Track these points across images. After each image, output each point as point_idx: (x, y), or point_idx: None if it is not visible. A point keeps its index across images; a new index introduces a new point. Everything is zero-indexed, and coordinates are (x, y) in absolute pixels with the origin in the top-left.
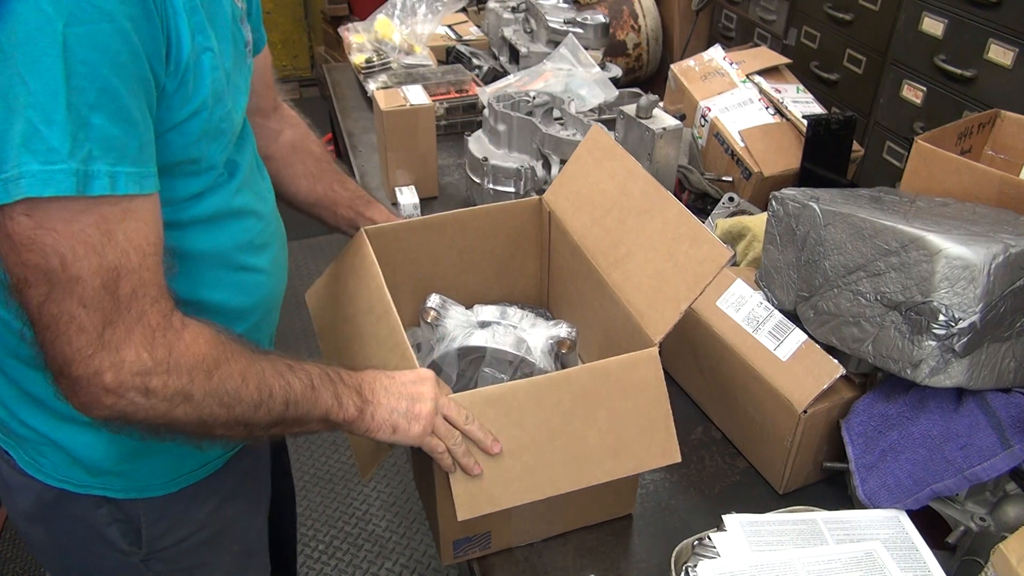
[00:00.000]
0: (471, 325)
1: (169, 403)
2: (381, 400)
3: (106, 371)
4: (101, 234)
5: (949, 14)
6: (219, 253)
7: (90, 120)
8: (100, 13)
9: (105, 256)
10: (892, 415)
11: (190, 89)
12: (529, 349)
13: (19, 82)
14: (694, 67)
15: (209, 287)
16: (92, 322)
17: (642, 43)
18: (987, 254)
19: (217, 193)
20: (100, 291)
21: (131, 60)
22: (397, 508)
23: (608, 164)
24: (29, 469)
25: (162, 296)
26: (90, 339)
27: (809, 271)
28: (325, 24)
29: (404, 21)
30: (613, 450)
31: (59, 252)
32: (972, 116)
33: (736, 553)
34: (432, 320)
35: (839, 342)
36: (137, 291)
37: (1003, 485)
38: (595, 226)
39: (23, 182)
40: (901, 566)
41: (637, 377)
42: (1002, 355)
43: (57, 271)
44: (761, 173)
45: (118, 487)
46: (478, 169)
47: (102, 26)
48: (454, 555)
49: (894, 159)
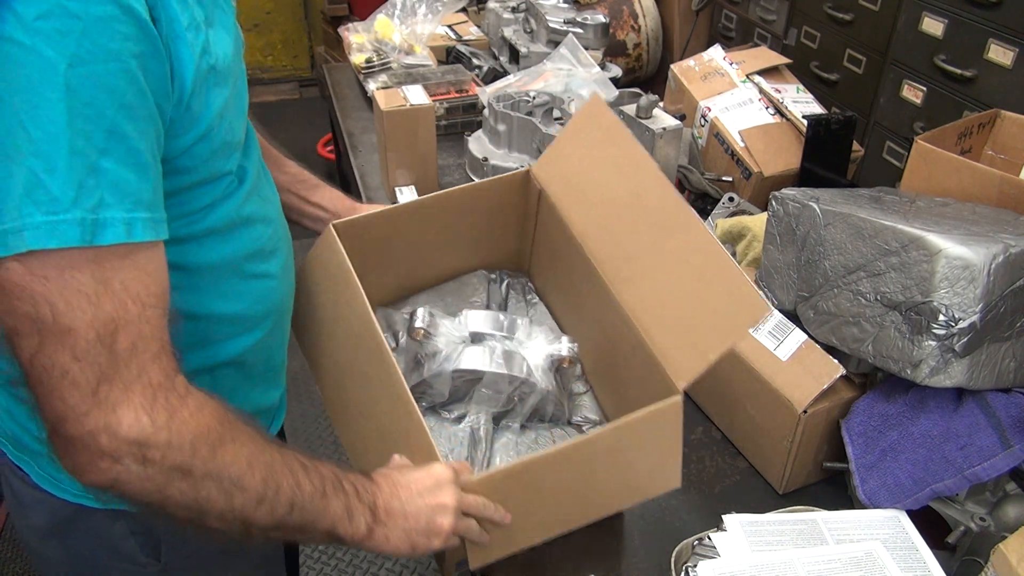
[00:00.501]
0: (462, 340)
1: (166, 477)
2: (398, 522)
3: (101, 432)
4: (96, 283)
5: (949, 14)
6: (231, 263)
7: (100, 165)
8: (105, 53)
9: (100, 307)
10: (892, 415)
11: (195, 114)
12: (529, 369)
13: (19, 130)
14: (694, 67)
15: (223, 298)
16: (86, 377)
17: (642, 43)
18: (987, 254)
19: (228, 202)
20: (95, 344)
21: (138, 100)
22: None
23: (611, 150)
24: (45, 484)
25: (165, 354)
26: (84, 396)
27: (809, 271)
28: (325, 24)
29: (404, 21)
30: (622, 485)
31: (50, 301)
32: (972, 116)
33: (736, 553)
34: (422, 338)
35: (839, 342)
36: (137, 345)
37: (1003, 485)
38: (599, 225)
39: (26, 234)
40: (901, 566)
41: (659, 426)
42: (1002, 355)
43: (48, 321)
44: (761, 173)
45: None
46: (478, 169)
47: (108, 66)
48: (456, 571)
49: (894, 159)
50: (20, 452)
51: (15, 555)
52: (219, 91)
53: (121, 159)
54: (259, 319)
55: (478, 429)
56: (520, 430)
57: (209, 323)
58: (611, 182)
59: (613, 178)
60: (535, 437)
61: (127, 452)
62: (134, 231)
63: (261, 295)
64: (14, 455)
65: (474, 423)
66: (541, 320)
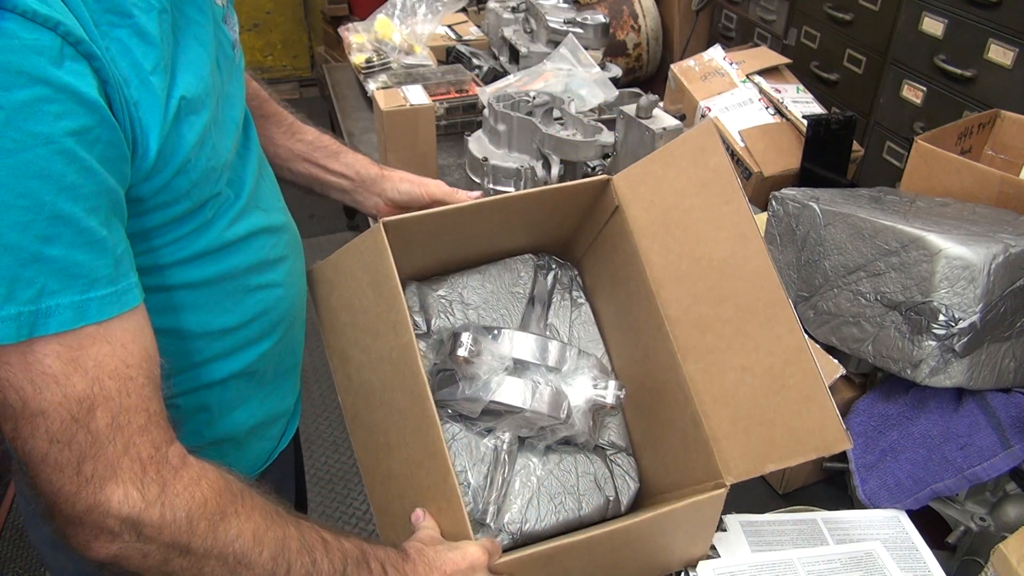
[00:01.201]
0: (503, 367)
1: (164, 554)
2: None
3: (93, 510)
4: (64, 364)
5: (949, 14)
6: (230, 278)
7: (43, 254)
8: (33, 138)
9: (71, 387)
10: (892, 415)
11: (168, 154)
12: (569, 410)
13: None
14: (694, 67)
15: (226, 314)
16: (67, 458)
17: (642, 43)
18: (987, 254)
19: (219, 221)
20: (70, 424)
21: (82, 177)
22: None
23: (714, 197)
24: None
25: (154, 424)
26: (69, 477)
27: (809, 271)
28: (325, 24)
29: (404, 21)
30: (653, 563)
31: (16, 386)
32: (972, 116)
33: (736, 553)
34: (462, 364)
35: (839, 342)
36: (118, 420)
37: (1003, 485)
38: (679, 277)
39: None
40: (901, 566)
41: (700, 513)
42: (1002, 355)
43: (18, 407)
44: (761, 173)
45: None
46: (478, 169)
47: (38, 151)
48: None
49: (894, 159)
50: None
51: (15, 555)
52: (195, 119)
53: (69, 242)
54: (267, 330)
55: (502, 448)
56: (544, 450)
57: (212, 339)
58: (707, 235)
59: (711, 232)
60: (559, 461)
61: (123, 529)
62: (87, 313)
63: (267, 306)
64: None
65: (499, 442)
66: (585, 326)
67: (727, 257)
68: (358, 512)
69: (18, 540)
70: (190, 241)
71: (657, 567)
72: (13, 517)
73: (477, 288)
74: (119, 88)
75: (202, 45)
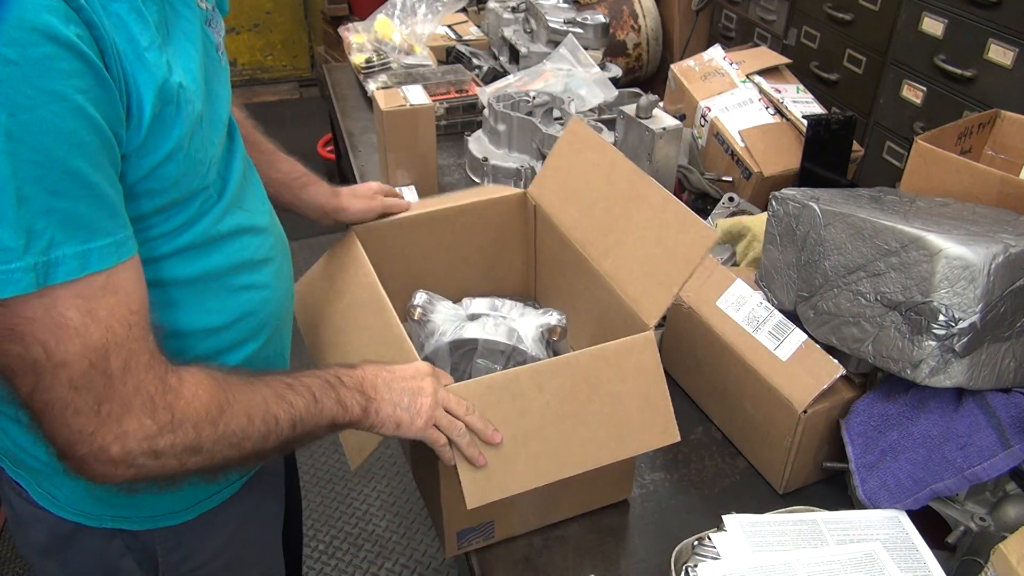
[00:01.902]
0: (460, 319)
1: (179, 459)
2: (384, 396)
3: (111, 445)
4: (82, 315)
5: (949, 14)
6: (215, 277)
7: (53, 207)
8: (47, 95)
9: (89, 336)
10: (892, 415)
11: (158, 138)
12: (520, 338)
13: None
14: (694, 67)
15: (213, 313)
16: (87, 402)
17: (642, 43)
18: (987, 254)
19: (206, 218)
20: (89, 371)
21: (91, 134)
22: (397, 508)
23: (590, 155)
24: (43, 502)
25: (155, 360)
26: (88, 419)
27: (809, 271)
28: (325, 24)
29: (404, 21)
30: (615, 433)
31: (40, 340)
32: (972, 116)
33: (736, 553)
34: (419, 318)
35: (839, 342)
36: (128, 362)
37: (1003, 485)
38: (583, 217)
39: (15, 276)
40: (901, 566)
41: (634, 361)
42: (1002, 355)
43: (42, 360)
44: (761, 173)
45: (133, 517)
46: (478, 169)
47: (51, 108)
48: (458, 546)
49: (894, 159)
50: (18, 468)
51: (15, 555)
52: (186, 109)
53: (75, 196)
54: (254, 332)
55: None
56: None
57: (201, 339)
58: (590, 180)
59: (592, 177)
60: None
61: (139, 454)
62: (89, 262)
63: (253, 307)
64: (12, 471)
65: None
66: None
67: (604, 178)
68: (358, 512)
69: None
70: (180, 232)
71: (622, 435)
72: None
73: None
74: (116, 59)
75: (190, 41)
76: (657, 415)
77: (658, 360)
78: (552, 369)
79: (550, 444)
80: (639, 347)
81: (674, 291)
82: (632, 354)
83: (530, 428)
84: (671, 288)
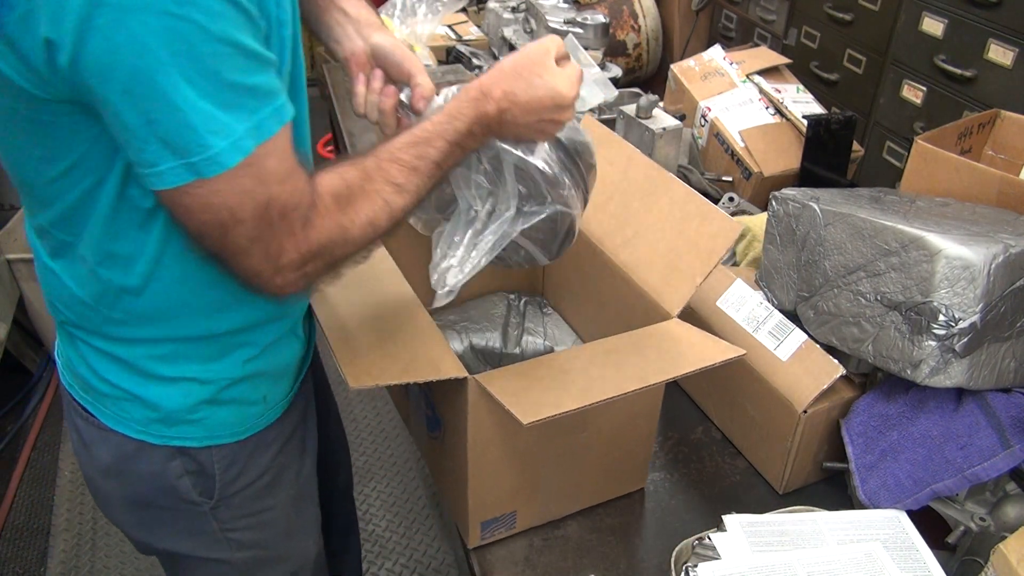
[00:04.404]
0: None
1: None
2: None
3: (284, 270)
4: (256, 182)
5: (949, 14)
6: None
7: (246, 83)
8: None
9: (258, 196)
10: (892, 415)
11: (272, 44)
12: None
13: (188, 84)
14: (694, 67)
15: (250, 305)
16: (260, 248)
17: (642, 43)
18: (987, 254)
19: None
20: (259, 223)
21: (248, 21)
22: (397, 508)
23: (605, 151)
24: (111, 423)
25: (302, 199)
26: (261, 259)
27: (809, 271)
28: None
29: (404, 21)
30: (669, 355)
31: (228, 206)
32: (972, 116)
33: (736, 553)
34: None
35: (839, 342)
36: (284, 210)
37: (1003, 485)
38: (597, 211)
39: (221, 157)
40: (901, 566)
41: (663, 343)
42: (1002, 355)
43: (227, 221)
44: (761, 173)
45: (195, 436)
46: None
47: (236, 11)
48: (481, 536)
49: (894, 159)
50: (87, 394)
51: (15, 555)
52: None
53: (256, 70)
54: (279, 316)
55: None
56: None
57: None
58: (604, 175)
59: (606, 172)
60: None
61: (308, 262)
62: (283, 115)
63: None
64: (81, 397)
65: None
66: (558, 323)
67: (621, 174)
68: (358, 512)
69: (18, 540)
70: None
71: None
72: (13, 517)
73: (462, 316)
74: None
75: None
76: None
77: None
78: (590, 346)
79: (600, 372)
80: (665, 331)
81: (697, 281)
82: (659, 338)
83: (581, 365)
84: (694, 278)
